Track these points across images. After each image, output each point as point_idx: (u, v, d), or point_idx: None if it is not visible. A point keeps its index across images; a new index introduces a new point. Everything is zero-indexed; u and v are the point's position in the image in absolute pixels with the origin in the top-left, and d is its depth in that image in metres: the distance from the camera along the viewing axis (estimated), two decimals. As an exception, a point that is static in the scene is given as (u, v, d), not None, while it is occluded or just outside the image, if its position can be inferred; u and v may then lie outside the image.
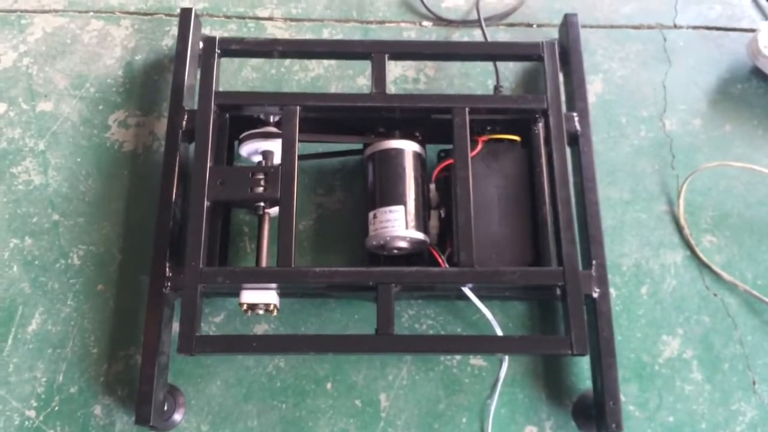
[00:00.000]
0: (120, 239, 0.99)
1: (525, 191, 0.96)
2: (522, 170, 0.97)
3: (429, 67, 1.12)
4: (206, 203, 0.90)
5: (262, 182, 0.91)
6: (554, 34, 1.09)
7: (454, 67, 1.12)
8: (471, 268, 0.88)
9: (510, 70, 1.11)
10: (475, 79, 1.11)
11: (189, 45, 1.00)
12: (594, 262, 0.91)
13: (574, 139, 0.98)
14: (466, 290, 0.90)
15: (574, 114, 0.99)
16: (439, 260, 0.93)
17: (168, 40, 1.11)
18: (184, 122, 0.97)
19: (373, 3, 1.17)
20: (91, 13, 1.13)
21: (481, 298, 0.91)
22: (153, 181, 1.01)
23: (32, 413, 0.90)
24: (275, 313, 0.90)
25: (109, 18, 1.13)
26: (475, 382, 0.93)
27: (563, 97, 0.98)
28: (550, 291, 0.92)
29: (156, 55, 1.11)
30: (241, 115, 0.99)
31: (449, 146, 1.00)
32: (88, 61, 1.10)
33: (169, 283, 0.90)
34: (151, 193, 0.99)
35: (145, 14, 1.14)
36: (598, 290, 0.90)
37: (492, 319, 0.91)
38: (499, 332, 0.91)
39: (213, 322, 0.96)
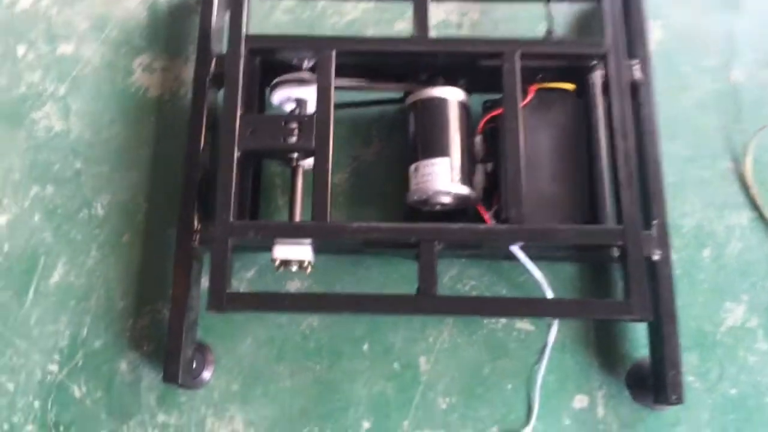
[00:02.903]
0: (146, 188, 0.94)
1: (579, 144, 0.89)
2: (576, 122, 0.90)
3: (473, 10, 1.04)
4: (236, 153, 0.84)
5: (296, 131, 0.85)
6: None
7: (500, 10, 1.04)
8: (521, 225, 0.81)
9: (562, 14, 1.03)
10: (522, 25, 1.03)
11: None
12: (654, 222, 0.84)
13: (633, 90, 0.90)
14: (515, 249, 0.83)
15: (634, 62, 0.91)
16: (485, 217, 0.86)
17: (195, -20, 1.04)
18: (212, 67, 0.91)
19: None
20: (114, -48, 1.07)
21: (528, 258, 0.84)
22: (180, 128, 0.95)
23: (55, 367, 0.86)
24: (309, 269, 0.85)
25: (133, -43, 1.06)
26: (522, 347, 0.87)
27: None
28: (606, 252, 0.85)
29: (182, -4, 1.04)
30: (272, 60, 0.92)
31: (496, 95, 0.93)
32: (109, 2, 1.04)
33: (197, 237, 0.85)
34: (179, 141, 0.93)
35: (170, -47, 1.07)
36: (658, 252, 0.83)
37: (542, 281, 0.84)
38: (550, 294, 0.85)
39: (244, 278, 0.91)
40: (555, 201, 0.87)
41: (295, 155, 0.86)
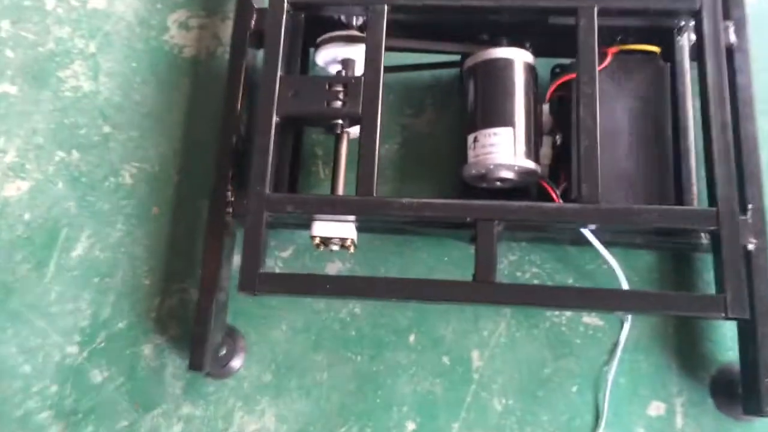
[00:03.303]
0: (178, 157, 0.86)
1: (663, 115, 0.78)
2: (660, 89, 0.79)
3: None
4: (275, 118, 0.75)
5: (341, 95, 0.75)
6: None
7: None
8: (596, 204, 0.70)
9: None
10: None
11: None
12: (750, 206, 0.73)
13: (728, 55, 0.78)
14: (587, 232, 0.73)
15: (728, 23, 0.79)
16: (553, 195, 0.76)
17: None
18: (253, 22, 0.83)
19: None
20: None
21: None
22: (217, 92, 0.87)
23: (74, 349, 0.79)
24: (352, 249, 0.76)
25: None
26: (589, 345, 0.77)
27: None
28: (692, 239, 0.74)
29: (223, -53, 0.95)
30: (318, 16, 0.82)
31: (566, 60, 0.82)
32: (146, -47, 0.96)
33: (231, 209, 0.77)
34: (215, 106, 0.85)
35: None
36: (754, 241, 0.72)
37: (618, 269, 0.74)
38: (625, 285, 0.74)
39: (280, 257, 0.82)
40: (634, 178, 0.76)
41: (340, 122, 0.77)
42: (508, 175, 0.76)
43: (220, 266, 0.76)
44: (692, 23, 0.78)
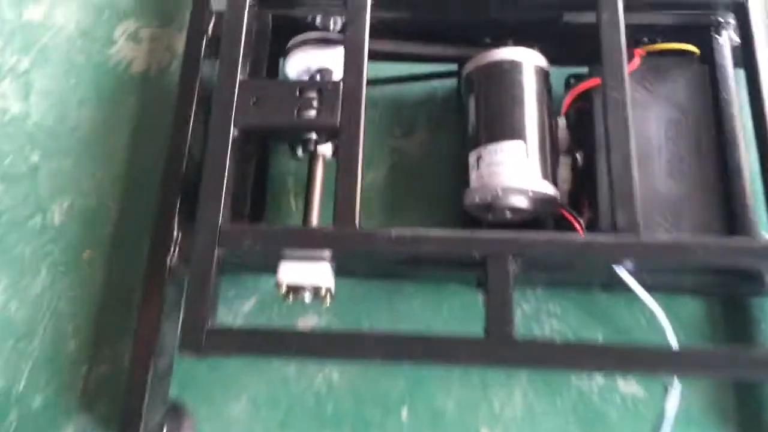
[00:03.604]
0: (118, 189, 0.71)
1: (706, 127, 0.64)
2: (701, 97, 0.65)
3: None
4: (233, 130, 0.60)
5: (315, 103, 0.61)
6: None
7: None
8: (636, 236, 0.55)
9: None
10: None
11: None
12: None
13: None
14: (623, 273, 0.57)
15: (775, 19, 0.66)
16: (577, 227, 0.61)
17: (198, -67, 0.83)
18: (211, 28, 0.69)
19: None
20: None
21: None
22: (168, 111, 0.71)
23: (-24, 431, 0.63)
24: (328, 301, 0.60)
25: None
26: (627, 419, 0.61)
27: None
28: (756, 280, 0.59)
29: (183, -51, 0.83)
30: (289, 18, 0.69)
31: (582, 69, 0.69)
32: (94, -44, 0.83)
33: (176, 250, 0.62)
34: (165, 128, 0.70)
35: None
36: (834, 281, 0.57)
37: (664, 321, 0.58)
38: (674, 341, 0.58)
39: (240, 312, 0.66)
40: (675, 204, 0.62)
41: (314, 136, 0.62)
42: (521, 202, 0.61)
43: (161, 322, 0.60)
44: (732, 20, 0.66)
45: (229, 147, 0.60)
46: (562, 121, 0.66)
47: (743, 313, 0.65)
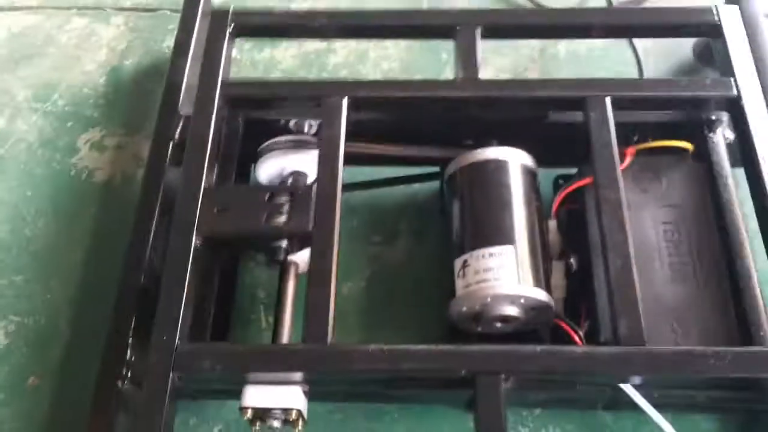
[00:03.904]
0: (72, 308, 0.66)
1: (707, 227, 0.60)
2: (699, 196, 0.61)
3: (532, 66, 0.79)
4: (195, 240, 0.56)
5: (286, 208, 0.57)
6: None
7: (566, 65, 0.79)
8: (641, 347, 0.50)
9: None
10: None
11: (196, 26, 0.70)
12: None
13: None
14: (629, 389, 0.51)
15: (768, 117, 0.63)
16: (576, 339, 0.55)
17: (171, 41, 0.81)
18: (178, 132, 0.65)
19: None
20: (74, 10, 0.85)
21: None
22: (131, 222, 0.67)
23: None
24: (300, 426, 0.53)
25: (97, 15, 0.85)
26: None
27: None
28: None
29: (152, 59, 0.81)
30: (262, 120, 0.66)
31: (570, 170, 0.65)
32: (61, 66, 0.80)
33: (129, 373, 0.55)
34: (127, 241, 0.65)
35: (144, 10, 0.85)
36: None
37: (680, 443, 0.51)
38: (692, 468, 0.52)
39: (202, 441, 0.59)
40: (679, 310, 0.56)
41: (284, 245, 0.57)
42: (512, 311, 0.56)
43: (109, 456, 0.53)
44: (726, 117, 0.63)
45: (190, 258, 0.55)
46: (552, 224, 0.62)
47: (761, 430, 0.58)
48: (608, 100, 0.60)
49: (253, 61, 0.81)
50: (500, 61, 0.79)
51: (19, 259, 0.68)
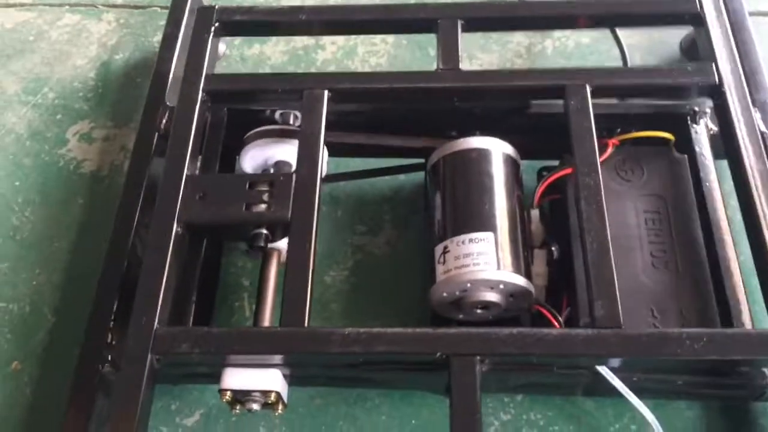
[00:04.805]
0: (57, 295, 0.66)
1: (689, 217, 0.60)
2: (681, 186, 0.61)
3: (519, 61, 0.79)
4: (175, 227, 0.56)
5: (266, 197, 0.57)
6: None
7: (553, 60, 0.79)
8: (617, 329, 0.50)
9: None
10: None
11: (183, 22, 0.72)
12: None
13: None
14: (607, 373, 0.51)
15: (753, 110, 0.63)
16: (554, 323, 0.55)
17: (161, 37, 0.82)
18: (163, 123, 0.66)
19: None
20: (67, 7, 0.86)
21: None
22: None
23: None
24: (280, 409, 0.54)
25: (89, 12, 0.86)
26: None
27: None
28: (753, 380, 0.53)
29: (142, 54, 0.82)
30: (246, 113, 0.66)
31: (554, 162, 0.65)
32: (52, 61, 0.81)
33: (110, 357, 0.55)
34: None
35: (135, 7, 0.86)
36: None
37: (657, 427, 0.51)
38: (669, 452, 0.52)
39: (182, 426, 0.59)
40: (659, 296, 0.56)
41: (264, 232, 0.58)
42: (492, 297, 0.56)
43: (88, 439, 0.53)
44: (709, 109, 0.63)
45: (171, 243, 0.55)
46: (535, 214, 0.62)
47: (744, 418, 0.58)
48: (588, 88, 0.60)
49: (242, 56, 0.82)
50: (487, 57, 0.80)
51: (6, 246, 0.69)
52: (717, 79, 0.60)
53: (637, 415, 0.53)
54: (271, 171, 0.63)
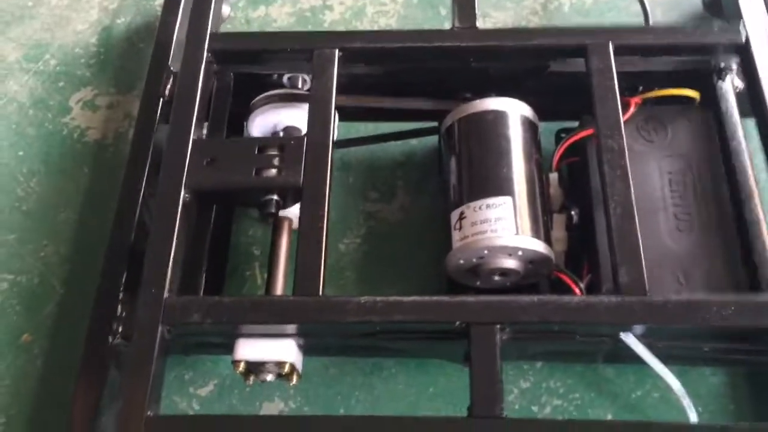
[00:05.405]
0: (65, 266, 0.65)
1: (716, 178, 0.58)
2: (707, 146, 0.59)
3: (535, 19, 0.76)
4: (183, 194, 0.54)
5: (276, 161, 0.55)
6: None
7: (570, 18, 0.76)
8: (642, 296, 0.48)
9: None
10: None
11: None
12: None
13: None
14: (631, 340, 0.50)
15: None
16: (575, 289, 0.54)
17: (162, 0, 0.79)
18: (168, 89, 0.64)
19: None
20: (66, -30, 0.83)
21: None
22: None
23: None
24: (294, 380, 0.52)
25: (89, -26, 0.83)
26: None
27: (767, 33, 0.60)
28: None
29: (144, 19, 0.79)
30: (254, 75, 0.64)
31: (573, 124, 0.63)
32: (52, 26, 0.79)
33: (120, 328, 0.54)
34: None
35: (137, -31, 0.83)
36: None
37: (682, 393, 0.50)
38: (694, 417, 0.50)
39: (196, 396, 0.58)
40: (685, 261, 0.54)
41: (275, 198, 0.56)
42: (511, 264, 0.54)
43: (100, 413, 0.52)
44: (735, 65, 0.60)
45: (179, 212, 0.53)
46: (553, 177, 0.59)
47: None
48: (611, 47, 0.58)
49: (247, 18, 0.79)
50: (501, 15, 0.77)
51: (12, 218, 0.67)
52: (744, 39, 0.58)
53: (660, 382, 0.52)
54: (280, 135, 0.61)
